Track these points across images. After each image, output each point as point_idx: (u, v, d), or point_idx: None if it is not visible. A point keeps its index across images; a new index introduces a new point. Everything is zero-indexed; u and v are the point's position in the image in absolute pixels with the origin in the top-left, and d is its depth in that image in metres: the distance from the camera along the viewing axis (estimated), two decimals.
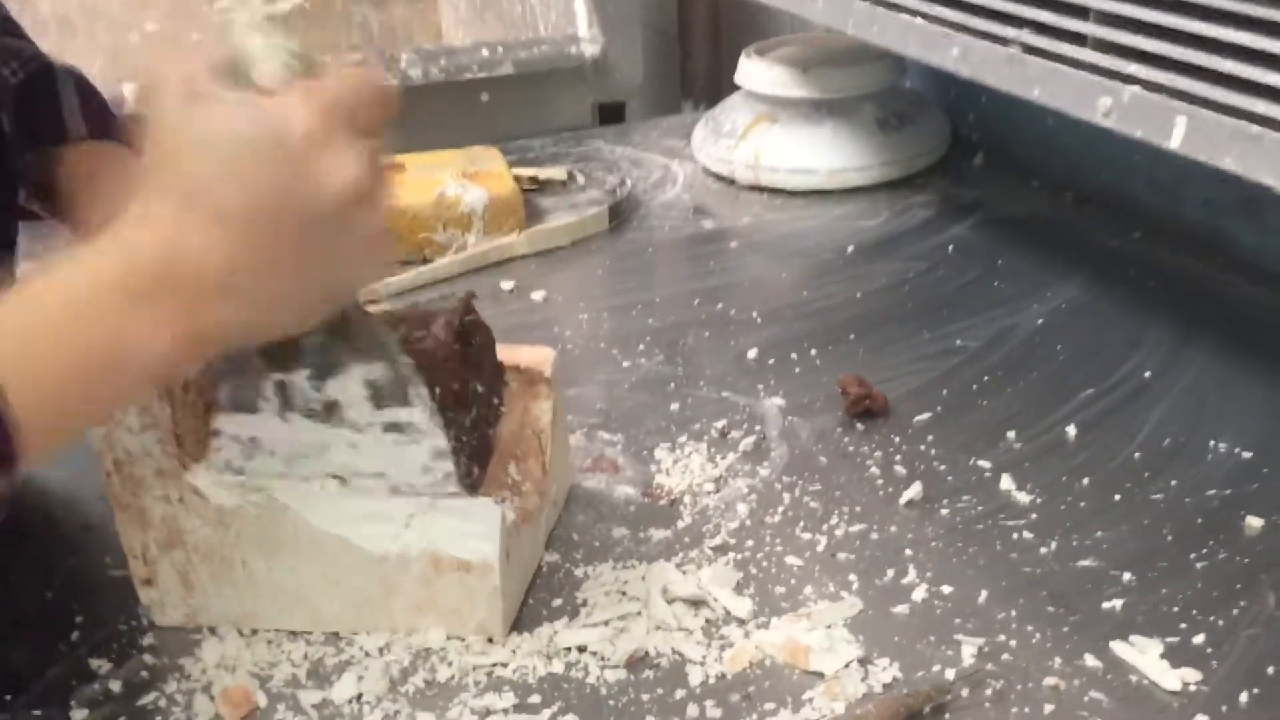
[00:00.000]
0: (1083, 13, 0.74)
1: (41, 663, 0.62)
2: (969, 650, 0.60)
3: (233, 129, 0.49)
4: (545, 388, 0.69)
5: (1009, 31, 0.80)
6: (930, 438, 0.78)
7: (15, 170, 0.74)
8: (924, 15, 0.89)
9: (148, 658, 0.62)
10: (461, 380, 0.64)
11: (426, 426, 0.59)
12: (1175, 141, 0.69)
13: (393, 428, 0.60)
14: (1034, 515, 0.70)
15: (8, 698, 0.60)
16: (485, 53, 1.37)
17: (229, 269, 0.49)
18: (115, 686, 0.60)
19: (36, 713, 0.59)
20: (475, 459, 0.64)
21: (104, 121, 0.77)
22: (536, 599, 0.65)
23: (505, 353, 0.69)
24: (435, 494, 0.61)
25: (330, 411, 0.60)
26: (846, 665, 0.59)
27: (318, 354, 0.59)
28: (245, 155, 0.48)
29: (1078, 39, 0.75)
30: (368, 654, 0.62)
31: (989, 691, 0.57)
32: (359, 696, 0.59)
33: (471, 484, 0.62)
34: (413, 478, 0.61)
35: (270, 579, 0.62)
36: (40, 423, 0.47)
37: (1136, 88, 0.71)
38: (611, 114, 1.49)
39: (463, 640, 0.62)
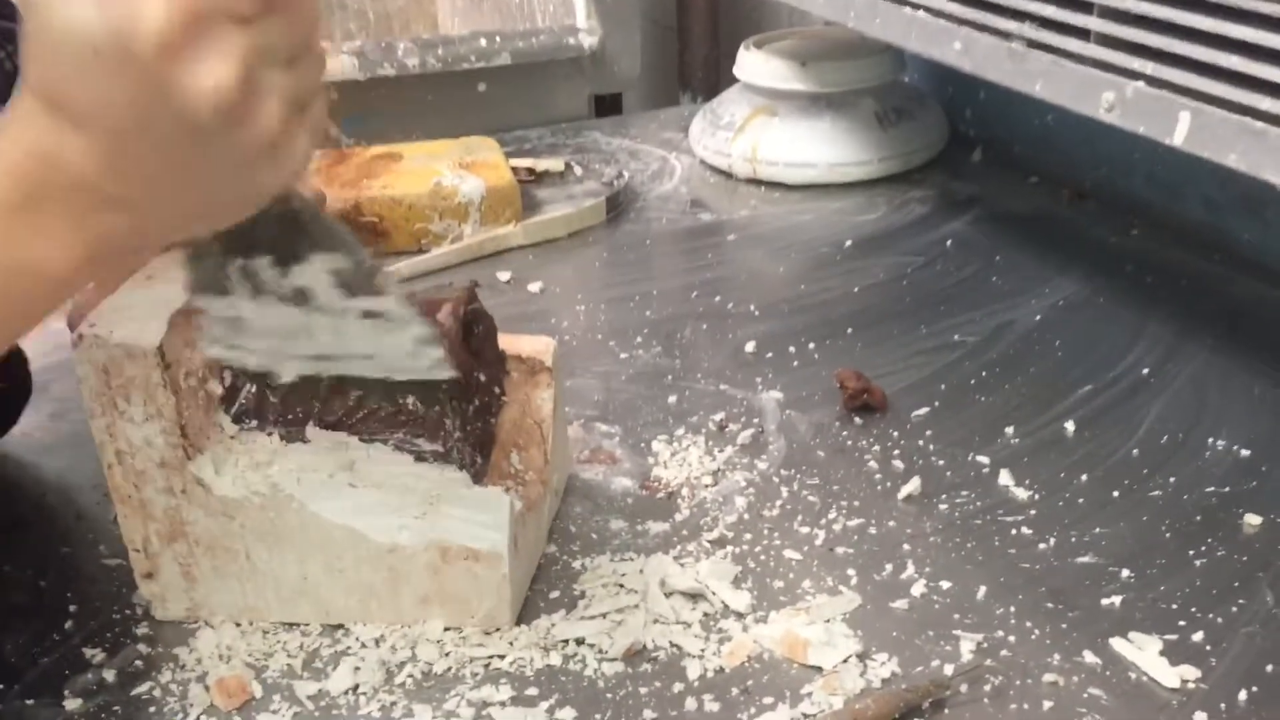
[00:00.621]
0: (1086, 7, 0.74)
1: (35, 652, 0.62)
2: (967, 646, 0.60)
3: (77, 19, 0.41)
4: (546, 377, 0.69)
5: (1011, 26, 0.80)
6: (928, 433, 0.78)
7: None
8: (926, 9, 0.88)
9: (142, 647, 0.62)
10: (465, 369, 0.63)
11: (403, 314, 0.57)
12: (1179, 138, 0.69)
13: (370, 314, 0.57)
14: (1032, 511, 0.70)
15: (1, 687, 0.59)
16: (483, 43, 1.36)
17: (107, 176, 0.44)
18: (109, 676, 0.60)
19: (30, 702, 0.59)
20: (478, 448, 0.64)
21: None
22: (534, 591, 0.65)
23: (506, 342, 0.69)
24: (429, 376, 0.60)
25: (301, 299, 0.57)
26: (845, 660, 0.59)
27: (274, 243, 0.55)
28: (91, 59, 0.41)
29: (1081, 34, 0.75)
30: (364, 645, 0.62)
31: (988, 687, 0.57)
32: (355, 687, 0.59)
33: (475, 473, 0.62)
34: (400, 362, 0.59)
35: (274, 571, 0.62)
36: None
37: (1140, 83, 0.71)
38: (609, 105, 1.48)
39: (460, 632, 0.62)
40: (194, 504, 0.61)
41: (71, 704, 0.58)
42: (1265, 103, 0.63)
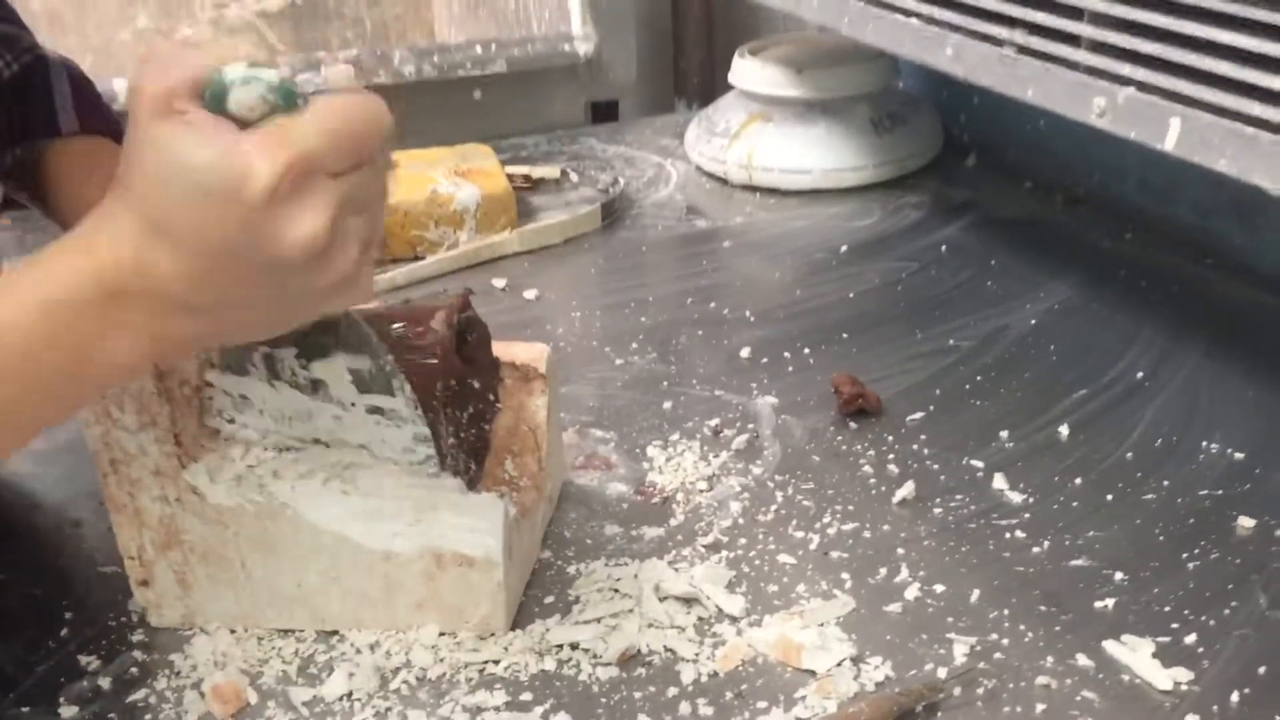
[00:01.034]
0: (1077, 14, 0.74)
1: (30, 660, 0.62)
2: (961, 649, 0.60)
3: (193, 163, 0.45)
4: (540, 384, 0.69)
5: (1003, 32, 0.80)
6: (923, 437, 0.78)
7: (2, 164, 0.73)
8: (918, 15, 0.89)
9: (137, 654, 0.62)
10: (459, 376, 0.63)
11: (408, 414, 0.60)
12: (1169, 143, 0.69)
13: (375, 410, 0.60)
14: (1026, 515, 0.70)
15: None
16: (479, 50, 1.36)
17: (191, 291, 0.48)
18: (105, 683, 0.60)
19: (25, 710, 0.59)
20: (472, 455, 0.64)
21: (96, 115, 0.77)
22: (529, 596, 0.65)
23: (500, 349, 0.69)
24: (416, 473, 0.61)
25: (315, 388, 0.60)
26: (839, 663, 0.59)
27: (304, 339, 0.58)
28: (200, 198, 0.45)
29: (1072, 40, 0.75)
30: (359, 651, 0.62)
31: (981, 690, 0.57)
32: (349, 694, 0.59)
33: (469, 480, 0.62)
34: (395, 455, 0.61)
35: (269, 578, 0.62)
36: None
37: (1131, 89, 0.71)
38: (605, 112, 1.48)
39: (454, 637, 0.62)
40: (188, 512, 0.61)
41: (67, 711, 0.58)
42: (1255, 108, 0.63)
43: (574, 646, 0.61)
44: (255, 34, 1.73)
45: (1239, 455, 0.74)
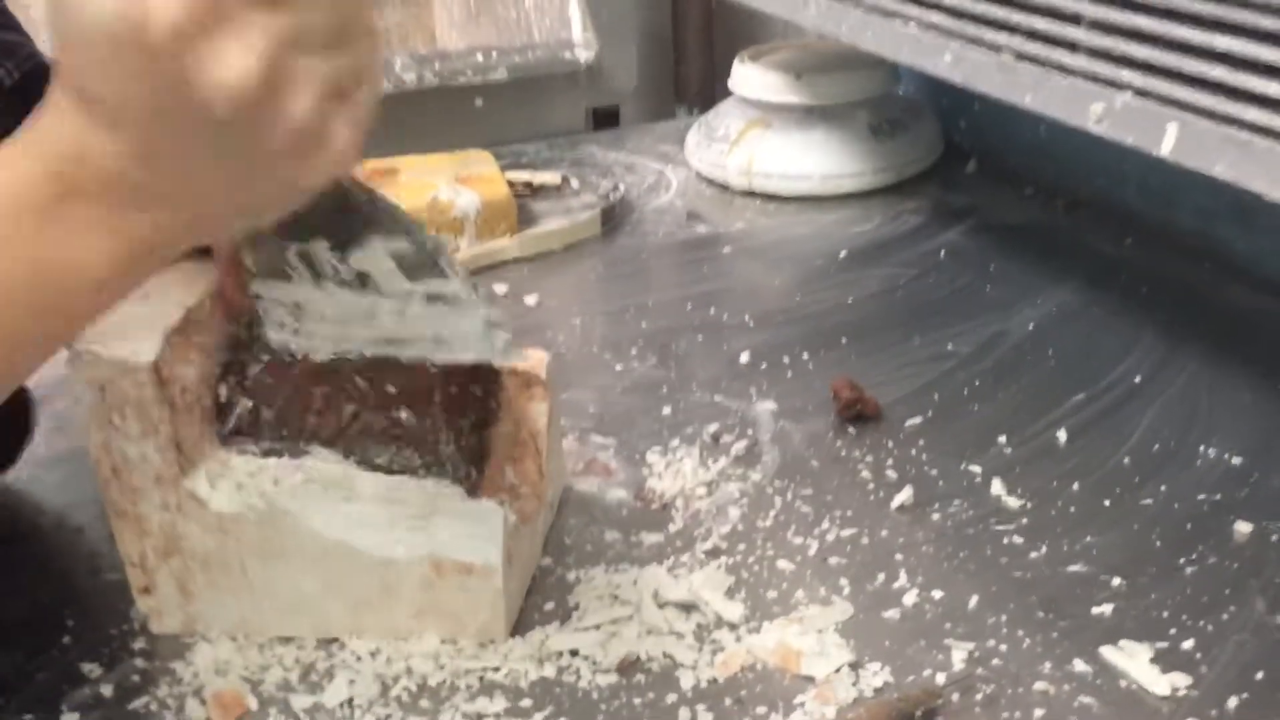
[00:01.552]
0: (1075, 19, 0.75)
1: (32, 667, 0.62)
2: (959, 655, 0.60)
3: (96, 12, 0.39)
4: (540, 390, 0.69)
5: (1001, 38, 0.81)
6: (921, 442, 0.78)
7: None
8: (916, 21, 0.89)
9: (139, 662, 0.62)
10: (460, 383, 0.64)
11: (468, 296, 0.56)
12: (1166, 148, 0.69)
13: (435, 298, 0.57)
14: (1024, 520, 0.70)
15: None
16: (479, 57, 1.37)
17: (139, 170, 0.42)
18: (106, 691, 0.60)
19: (27, 717, 0.59)
20: (473, 462, 0.64)
21: None
22: (528, 603, 0.65)
23: None
24: (501, 359, 0.60)
25: (363, 282, 0.56)
26: (837, 669, 0.59)
27: (331, 227, 0.55)
28: (111, 51, 0.40)
29: (1070, 46, 0.75)
30: (359, 658, 0.62)
31: (979, 696, 0.58)
32: (350, 701, 0.59)
33: (470, 487, 0.62)
34: (471, 345, 0.58)
35: (270, 585, 0.62)
36: None
37: (1128, 94, 0.71)
38: (605, 119, 1.49)
39: (455, 644, 0.62)
40: (189, 519, 0.61)
41: (68, 718, 0.59)
42: (1251, 113, 0.63)
43: (574, 653, 0.61)
44: None
45: (1237, 460, 0.75)
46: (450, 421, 0.62)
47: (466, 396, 0.64)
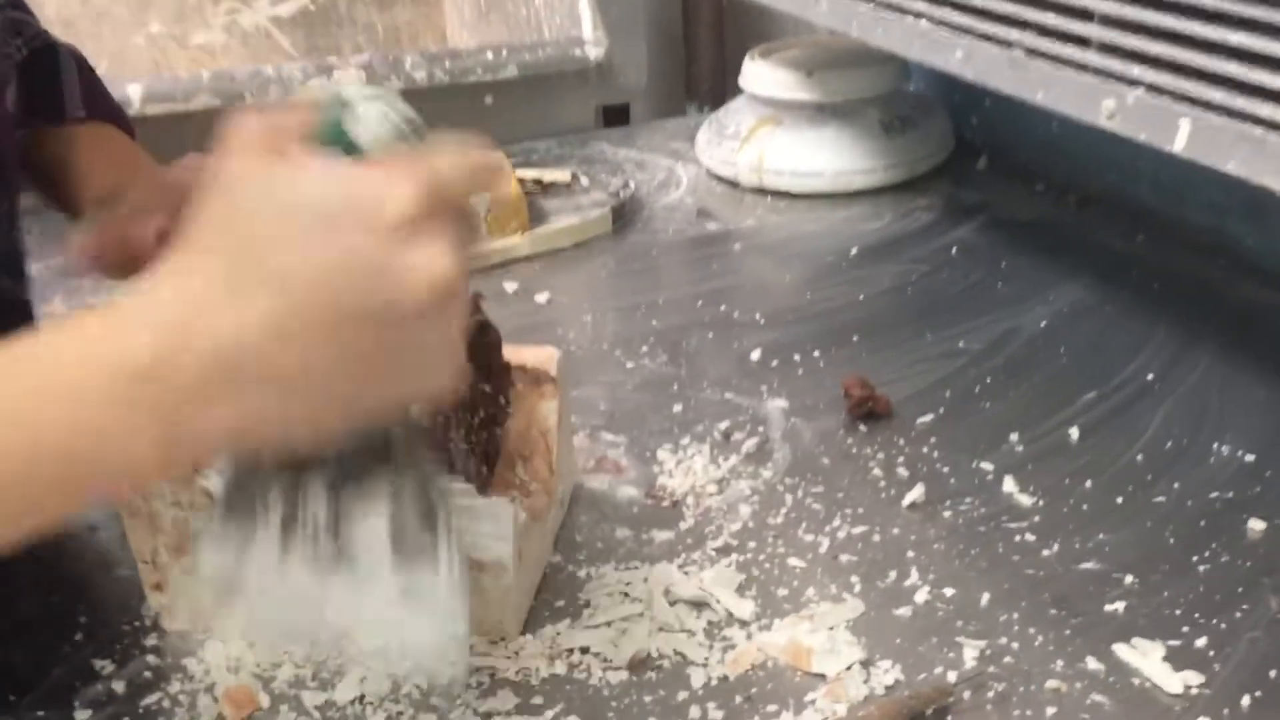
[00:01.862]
0: (1086, 15, 0.74)
1: (45, 664, 0.62)
2: (971, 653, 0.60)
3: (315, 194, 0.40)
4: (551, 387, 0.69)
5: (1013, 34, 0.80)
6: (933, 440, 0.78)
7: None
8: (928, 18, 0.89)
9: (151, 658, 0.62)
10: (470, 380, 0.64)
11: (448, 603, 0.49)
12: (1179, 145, 0.69)
13: (411, 595, 0.49)
14: (1036, 518, 0.70)
15: (11, 699, 0.60)
16: (490, 55, 1.37)
17: (261, 347, 0.40)
18: (119, 687, 0.60)
19: (40, 713, 0.59)
20: (483, 459, 0.64)
21: (103, 103, 0.78)
22: (540, 600, 0.65)
23: (510, 352, 0.69)
24: (440, 676, 0.57)
25: (339, 558, 0.49)
26: (849, 667, 0.59)
27: (343, 461, 0.48)
28: (324, 227, 0.40)
29: (1081, 42, 0.75)
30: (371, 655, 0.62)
31: (991, 694, 0.57)
32: (361, 698, 0.59)
33: (480, 484, 0.62)
34: (424, 658, 0.52)
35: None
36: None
37: (1140, 91, 0.71)
38: (615, 116, 1.49)
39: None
40: (201, 517, 0.61)
41: (81, 715, 0.59)
42: (1264, 109, 0.63)
43: (584, 650, 0.61)
44: (268, 40, 1.74)
45: (1250, 457, 0.74)
46: (460, 419, 0.62)
47: (476, 393, 0.65)
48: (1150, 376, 0.84)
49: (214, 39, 1.71)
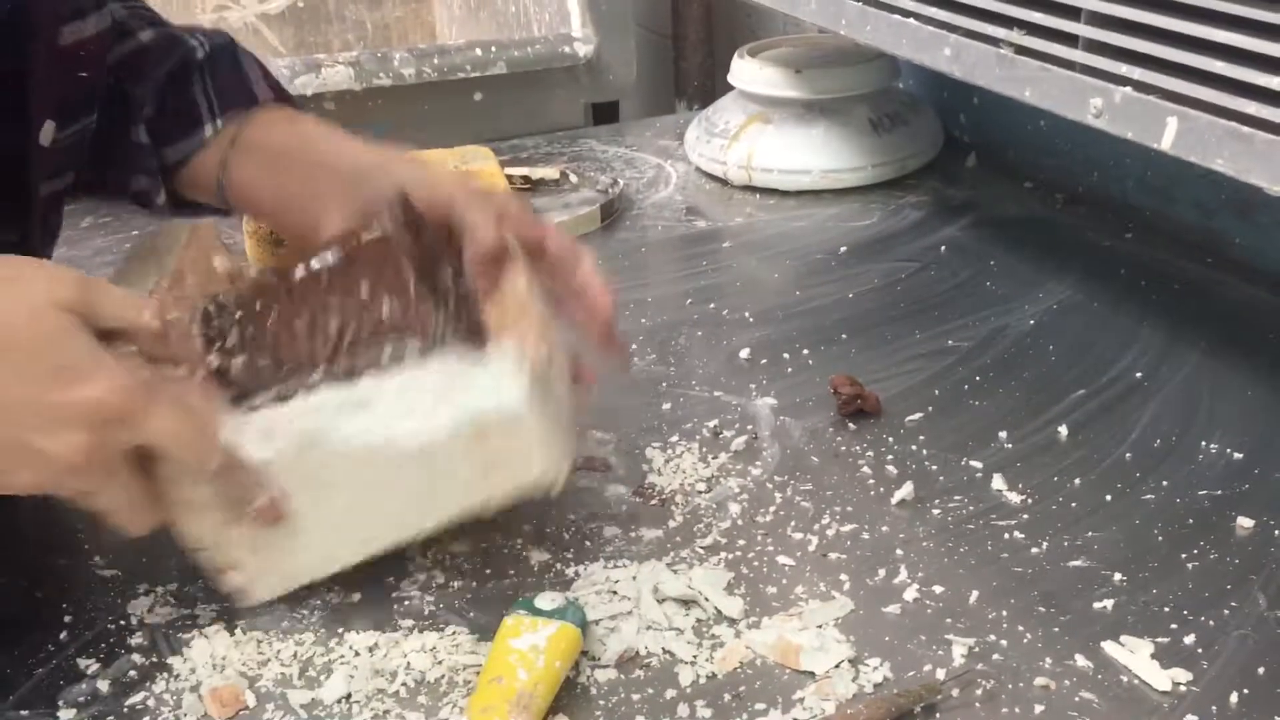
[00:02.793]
0: (1074, 13, 0.74)
1: (29, 663, 0.62)
2: (960, 650, 0.60)
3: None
4: (514, 265, 0.68)
5: (1000, 32, 0.80)
6: (922, 438, 0.78)
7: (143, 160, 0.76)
8: (916, 16, 0.89)
9: (136, 657, 0.62)
10: (428, 263, 0.63)
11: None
12: (1166, 142, 0.69)
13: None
14: (1025, 515, 0.70)
15: None
16: (478, 52, 1.36)
17: None
18: (103, 686, 0.60)
19: (24, 713, 0.59)
20: (471, 332, 0.63)
21: (281, 90, 0.80)
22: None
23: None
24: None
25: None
26: (837, 665, 0.59)
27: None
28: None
29: (1069, 39, 0.75)
30: (357, 653, 0.62)
31: (979, 691, 0.57)
32: (348, 696, 0.59)
33: (475, 344, 0.62)
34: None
35: (325, 517, 0.62)
36: None
37: (1128, 89, 0.71)
38: (605, 113, 1.48)
39: (453, 639, 0.62)
40: None
41: (65, 714, 0.58)
42: (1251, 107, 0.63)
43: None
44: (257, 36, 1.73)
45: (1238, 455, 0.74)
46: (437, 302, 0.62)
47: (440, 275, 0.64)
48: (1139, 374, 0.84)
49: None
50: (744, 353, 0.89)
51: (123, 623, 0.64)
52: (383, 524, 0.63)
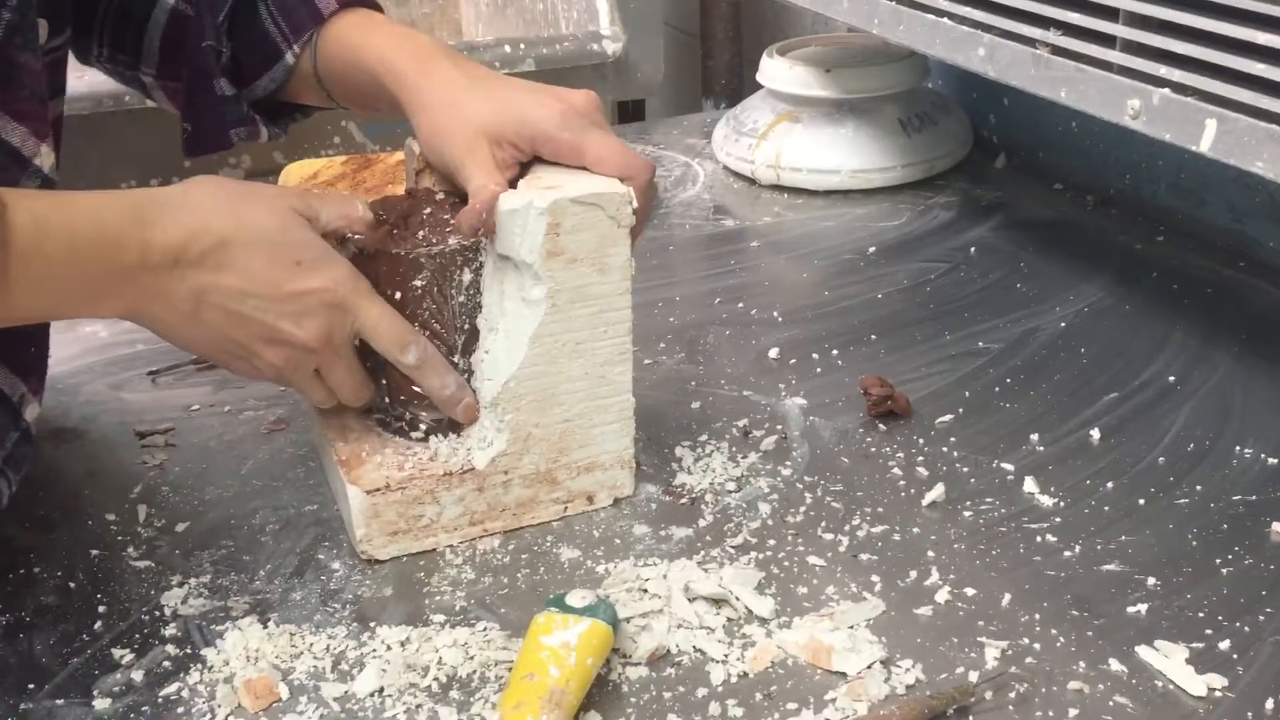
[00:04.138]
0: (1112, 14, 0.74)
1: (65, 652, 0.62)
2: (992, 653, 0.60)
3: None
4: None
5: (1036, 32, 0.80)
6: (952, 439, 0.78)
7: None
8: (950, 15, 0.88)
9: (170, 648, 0.62)
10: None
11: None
12: (1205, 145, 0.68)
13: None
14: (1057, 519, 0.70)
15: (31, 687, 0.60)
16: (507, 49, 1.37)
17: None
18: (138, 677, 0.60)
19: (59, 702, 0.59)
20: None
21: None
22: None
23: None
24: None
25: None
26: (869, 666, 0.59)
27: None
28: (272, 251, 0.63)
29: (1106, 40, 0.75)
30: (389, 647, 0.62)
31: (1013, 695, 0.57)
32: (380, 690, 0.59)
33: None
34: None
35: None
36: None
37: (1166, 90, 0.71)
38: (632, 112, 1.48)
39: (485, 635, 0.62)
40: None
41: (100, 704, 0.59)
42: None
43: None
44: None
45: (1272, 460, 0.74)
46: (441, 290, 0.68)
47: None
48: (1171, 378, 0.83)
49: None
50: (773, 352, 0.89)
51: (156, 614, 0.65)
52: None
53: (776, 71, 1.20)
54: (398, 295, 0.66)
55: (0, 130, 0.62)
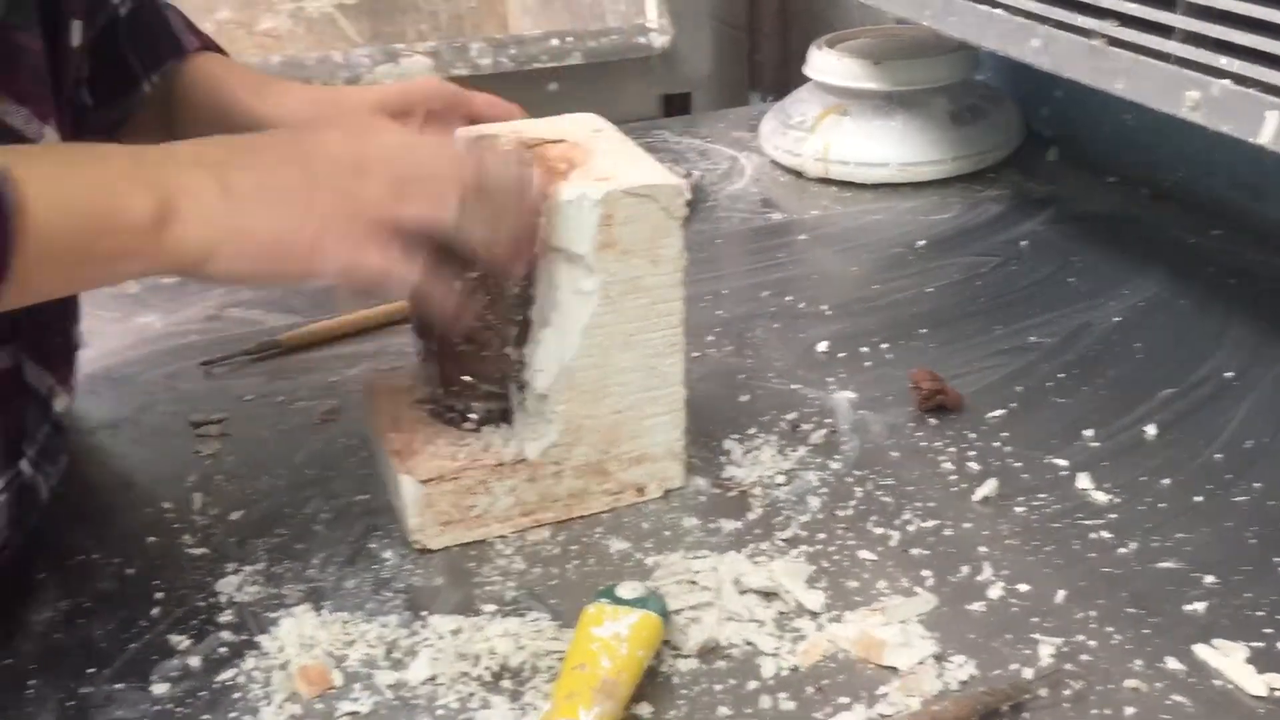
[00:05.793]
0: (1170, 4, 0.73)
1: (123, 638, 0.63)
2: (1047, 650, 0.59)
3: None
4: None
5: (1092, 23, 0.79)
6: (1004, 434, 0.77)
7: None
8: (1004, 6, 0.87)
9: (226, 635, 0.63)
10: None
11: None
12: (1265, 137, 0.67)
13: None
14: (1112, 515, 0.69)
15: (90, 671, 0.61)
16: (555, 42, 1.37)
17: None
18: (194, 663, 0.61)
19: (118, 686, 0.60)
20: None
21: (204, 36, 0.81)
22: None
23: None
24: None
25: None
26: (921, 661, 0.59)
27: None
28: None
29: (1164, 31, 0.74)
30: (440, 636, 0.62)
31: (1068, 692, 0.57)
32: (433, 678, 0.60)
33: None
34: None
35: None
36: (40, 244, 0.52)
37: (1226, 81, 0.69)
38: (678, 105, 1.48)
39: (536, 625, 0.62)
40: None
41: (158, 689, 0.60)
42: None
43: None
44: (334, 27, 1.75)
45: None
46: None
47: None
48: (1228, 374, 0.82)
49: (280, 25, 1.73)
50: (822, 346, 0.89)
51: (212, 600, 0.65)
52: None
53: (825, 64, 1.20)
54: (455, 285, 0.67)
55: (1, 113, 0.60)
